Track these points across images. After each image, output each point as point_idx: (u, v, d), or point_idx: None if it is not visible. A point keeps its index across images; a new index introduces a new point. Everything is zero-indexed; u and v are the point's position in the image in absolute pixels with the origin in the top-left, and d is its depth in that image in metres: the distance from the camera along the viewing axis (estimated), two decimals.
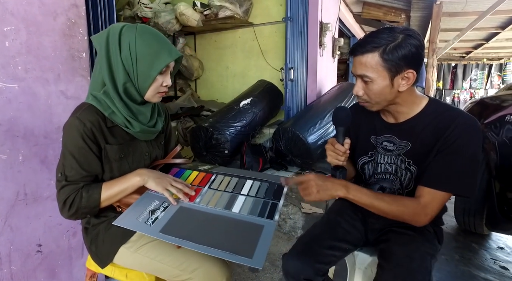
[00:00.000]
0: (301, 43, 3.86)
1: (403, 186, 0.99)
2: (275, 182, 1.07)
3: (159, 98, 0.97)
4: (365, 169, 1.08)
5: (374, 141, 1.04)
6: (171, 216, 0.91)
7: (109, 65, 0.88)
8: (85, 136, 0.86)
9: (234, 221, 0.90)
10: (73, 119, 0.86)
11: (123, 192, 0.92)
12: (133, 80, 0.90)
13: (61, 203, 0.87)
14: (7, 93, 1.08)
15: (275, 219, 0.91)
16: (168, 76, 0.95)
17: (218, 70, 4.95)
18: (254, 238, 0.83)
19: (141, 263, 0.94)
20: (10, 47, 1.08)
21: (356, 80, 0.94)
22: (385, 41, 0.85)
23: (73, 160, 0.86)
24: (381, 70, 0.87)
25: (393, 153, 1.00)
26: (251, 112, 3.67)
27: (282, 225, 2.41)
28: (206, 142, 3.38)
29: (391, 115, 1.00)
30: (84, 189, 0.88)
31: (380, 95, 0.91)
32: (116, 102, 0.89)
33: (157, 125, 1.04)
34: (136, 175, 0.93)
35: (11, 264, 1.16)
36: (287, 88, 3.90)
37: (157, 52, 0.88)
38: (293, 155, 3.52)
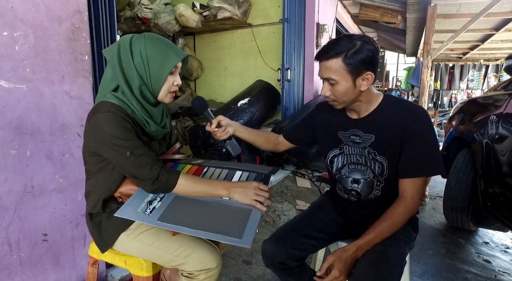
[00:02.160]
0: (298, 44, 3.95)
1: (377, 174, 1.08)
2: (262, 172, 1.16)
3: (170, 98, 1.07)
4: (334, 161, 1.18)
5: (342, 136, 1.14)
6: (167, 205, 1.00)
7: (123, 72, 0.98)
8: (124, 122, 0.94)
9: (224, 207, 1.00)
10: (105, 114, 0.92)
11: (204, 194, 1.02)
12: (147, 82, 1.00)
13: (146, 174, 0.95)
14: (17, 93, 1.17)
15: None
16: (178, 76, 1.05)
17: (217, 70, 5.04)
18: (243, 221, 0.93)
19: (139, 249, 1.03)
20: (19, 51, 1.17)
21: (323, 83, 1.04)
22: (345, 48, 0.95)
23: (130, 141, 0.93)
24: (344, 73, 0.97)
25: (360, 146, 1.10)
26: (249, 112, 3.76)
27: (277, 221, 2.50)
28: (204, 141, 3.47)
29: (354, 111, 1.11)
30: (165, 169, 0.98)
31: (345, 95, 1.01)
32: (134, 104, 0.99)
33: (166, 126, 1.14)
34: (224, 189, 1.01)
35: (20, 251, 1.25)
36: (284, 88, 3.98)
37: (166, 54, 0.98)
38: (289, 154, 3.60)
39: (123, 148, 0.94)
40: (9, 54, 1.14)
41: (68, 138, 1.34)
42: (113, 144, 0.93)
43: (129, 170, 0.97)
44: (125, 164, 0.95)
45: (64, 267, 1.40)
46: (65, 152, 1.34)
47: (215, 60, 5.02)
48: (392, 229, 0.99)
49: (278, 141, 1.34)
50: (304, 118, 1.30)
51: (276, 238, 1.11)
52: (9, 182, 1.18)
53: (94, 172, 1.05)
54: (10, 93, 1.16)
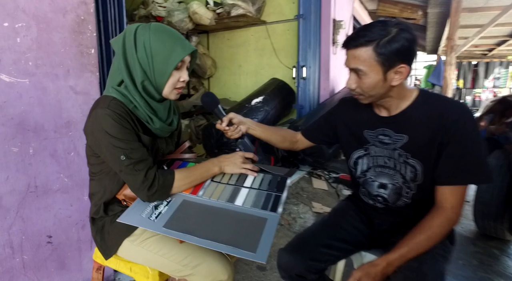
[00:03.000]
0: (314, 41, 3.82)
1: (408, 179, 0.96)
2: (278, 174, 1.06)
3: (176, 95, 0.98)
4: (358, 163, 1.06)
5: (368, 135, 1.02)
6: (174, 210, 0.91)
7: (126, 65, 0.90)
8: (122, 120, 0.86)
9: (237, 214, 0.90)
10: (104, 110, 0.85)
11: (200, 179, 0.99)
12: (150, 77, 0.91)
13: (139, 182, 0.87)
14: (19, 88, 1.11)
15: (279, 212, 0.90)
16: (185, 71, 0.96)
17: (231, 69, 4.96)
18: (258, 232, 0.83)
19: (144, 257, 0.95)
20: (21, 43, 1.11)
21: (349, 73, 0.92)
22: (378, 35, 0.83)
23: (126, 142, 0.86)
24: (374, 64, 0.85)
25: (389, 147, 0.97)
26: (263, 111, 3.66)
27: (292, 224, 2.39)
28: (218, 140, 3.40)
29: (384, 108, 0.99)
30: (160, 172, 0.91)
31: (373, 89, 0.89)
32: (137, 99, 0.91)
33: (173, 124, 1.05)
34: (214, 165, 1.01)
35: (23, 253, 1.19)
36: (300, 87, 3.87)
37: (171, 48, 0.89)
38: (305, 154, 3.48)
39: (118, 150, 0.86)
40: (10, 46, 1.08)
41: (73, 135, 1.28)
42: (108, 143, 0.86)
43: (122, 175, 0.90)
44: (119, 168, 0.88)
45: (69, 271, 1.34)
46: (70, 150, 1.28)
47: (229, 58, 4.95)
48: (429, 243, 0.86)
49: (296, 139, 1.24)
50: (325, 115, 1.19)
51: (293, 247, 1.01)
52: (11, 181, 1.13)
53: (97, 173, 0.98)
54: (11, 88, 1.10)
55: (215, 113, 1.12)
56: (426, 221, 0.88)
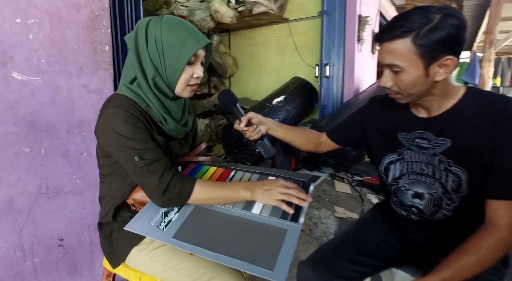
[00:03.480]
0: (338, 38, 3.67)
1: (449, 189, 0.83)
2: (300, 180, 0.97)
3: (190, 93, 0.91)
4: (389, 169, 0.94)
5: (403, 138, 0.90)
6: (186, 218, 0.84)
7: (139, 61, 0.84)
8: (135, 119, 0.80)
9: (253, 224, 0.81)
10: (115, 110, 0.79)
11: (226, 200, 0.86)
12: (162, 74, 0.85)
13: (154, 185, 0.79)
14: (30, 86, 1.08)
15: (300, 222, 0.80)
16: (199, 67, 0.88)
17: (252, 67, 4.89)
18: (276, 245, 0.74)
19: (153, 268, 0.88)
20: (33, 40, 1.07)
21: (384, 70, 0.81)
22: (417, 24, 0.71)
23: (140, 142, 0.79)
24: (413, 58, 0.73)
25: (428, 152, 0.85)
26: (284, 110, 3.56)
27: (313, 229, 2.28)
28: (238, 140, 3.33)
29: (423, 108, 0.86)
30: (178, 177, 0.82)
31: (413, 86, 0.77)
32: (150, 97, 0.85)
33: (188, 124, 0.98)
34: (246, 189, 0.84)
35: (34, 256, 1.16)
36: (323, 86, 3.73)
37: (184, 41, 0.82)
38: (327, 155, 3.35)
39: (131, 150, 0.79)
40: (22, 43, 1.05)
41: (86, 135, 1.24)
42: (120, 144, 0.79)
43: (136, 178, 0.82)
44: (133, 169, 0.81)
45: (81, 275, 1.30)
46: (83, 151, 1.24)
47: (250, 57, 4.88)
48: (478, 268, 0.72)
49: (320, 141, 1.13)
50: (353, 115, 1.08)
51: (315, 261, 0.91)
52: (22, 183, 1.10)
53: (107, 175, 0.93)
54: (23, 86, 1.06)
55: (233, 113, 1.04)
56: (474, 240, 0.74)
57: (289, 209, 0.82)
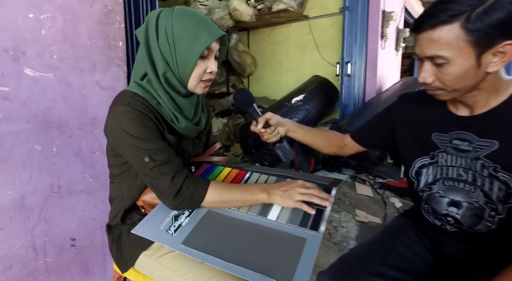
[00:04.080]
0: (360, 34, 3.54)
1: (494, 199, 0.73)
2: (321, 183, 0.89)
3: (203, 89, 0.85)
4: (421, 173, 0.84)
5: (439, 139, 0.80)
6: (197, 223, 0.78)
7: (149, 55, 0.80)
8: (144, 118, 0.75)
9: (269, 231, 0.74)
10: (123, 107, 0.74)
11: (241, 202, 0.80)
12: (173, 68, 0.80)
13: (166, 187, 0.75)
14: (43, 83, 1.05)
15: (321, 231, 0.73)
16: (212, 61, 0.82)
17: (271, 66, 4.82)
18: (294, 256, 0.67)
19: (161, 275, 0.83)
20: (46, 35, 1.05)
21: (423, 64, 0.71)
22: (467, 6, 0.61)
23: (150, 143, 0.75)
24: (463, 47, 0.63)
25: (468, 155, 0.75)
26: (304, 109, 3.47)
27: (333, 233, 2.18)
28: (256, 140, 3.27)
29: (464, 105, 0.76)
30: (191, 179, 0.77)
31: (460, 80, 0.67)
32: (160, 94, 0.80)
33: (201, 123, 0.93)
34: (262, 191, 0.80)
35: (46, 256, 1.14)
36: (343, 84, 3.61)
37: (196, 33, 0.76)
38: (348, 156, 3.23)
39: (141, 151, 0.74)
40: (35, 38, 1.03)
41: (98, 133, 1.21)
42: (129, 144, 0.75)
43: (147, 179, 0.78)
44: (143, 171, 0.76)
45: (93, 276, 1.28)
46: (95, 149, 1.21)
47: (270, 56, 4.81)
48: None
49: (344, 143, 1.05)
50: (380, 114, 0.99)
51: (336, 272, 0.83)
52: (34, 181, 1.07)
53: (117, 175, 0.88)
54: (36, 82, 1.04)
55: (250, 113, 0.98)
56: None
57: (310, 210, 0.76)
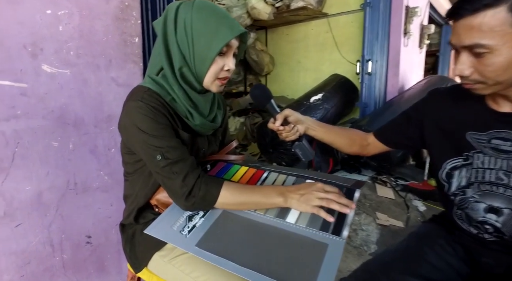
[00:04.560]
0: (382, 31, 3.42)
1: None
2: (343, 185, 0.83)
3: (219, 87, 0.82)
4: (453, 176, 0.77)
5: (474, 138, 0.73)
6: (211, 224, 0.74)
7: (166, 48, 0.77)
8: (157, 114, 0.73)
9: (288, 235, 0.70)
10: (136, 103, 0.72)
11: (256, 205, 0.76)
12: (190, 63, 0.77)
13: (177, 187, 0.72)
14: (60, 79, 1.05)
15: (344, 236, 0.68)
16: (231, 59, 0.79)
17: (290, 65, 4.77)
18: (315, 263, 0.62)
19: (175, 277, 0.80)
20: (63, 31, 1.05)
21: (459, 55, 0.64)
22: None
23: (162, 140, 0.72)
24: (509, 33, 0.57)
25: (511, 156, 0.68)
26: (322, 109, 3.40)
27: (353, 237, 2.11)
28: (273, 139, 3.23)
29: (507, 100, 0.69)
30: (203, 179, 0.74)
31: (504, 72, 0.60)
32: (175, 89, 0.77)
33: (216, 120, 0.90)
34: (279, 194, 0.74)
35: (62, 252, 1.15)
36: (364, 83, 3.51)
37: (216, 29, 0.73)
38: (368, 157, 3.14)
39: (153, 148, 0.72)
40: (52, 34, 1.03)
41: (114, 130, 1.20)
42: (142, 141, 0.72)
43: (159, 178, 0.75)
44: (155, 169, 0.74)
45: (109, 274, 1.27)
46: (111, 147, 1.20)
47: (288, 55, 4.75)
48: None
49: (367, 142, 0.99)
50: (407, 111, 0.92)
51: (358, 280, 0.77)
52: (51, 178, 1.08)
53: (131, 173, 0.87)
54: (53, 79, 1.04)
55: (267, 110, 0.93)
56: None
57: (328, 217, 0.70)
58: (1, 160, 0.99)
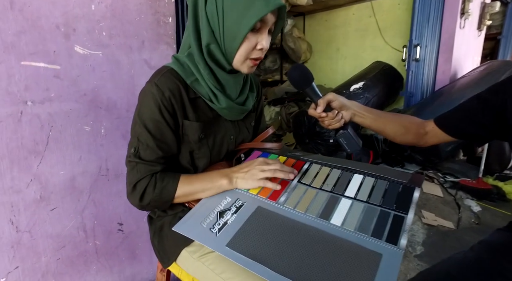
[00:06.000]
0: (434, 13, 3.12)
1: None
2: (399, 181, 0.71)
3: (250, 68, 0.72)
4: None
5: None
6: (245, 221, 0.66)
7: (195, 23, 0.69)
8: (162, 107, 0.68)
9: (333, 240, 0.59)
10: (150, 86, 0.68)
11: (204, 192, 0.72)
12: (219, 40, 0.68)
13: (131, 186, 0.70)
14: (92, 61, 1.01)
15: (401, 245, 0.55)
16: (265, 37, 0.68)
17: (328, 53, 4.56)
18: (365, 276, 0.51)
19: (204, 275, 0.73)
20: (95, 11, 1.00)
21: None
22: None
23: (148, 135, 0.69)
24: None
25: None
26: (363, 98, 3.20)
27: None
28: (310, 129, 3.10)
29: None
30: (159, 177, 0.70)
31: None
32: (200, 68, 0.70)
33: (248, 103, 0.81)
34: (222, 176, 0.72)
35: (95, 238, 1.13)
36: (410, 70, 3.24)
37: (250, 1, 0.63)
38: (413, 150, 2.91)
39: (134, 138, 0.71)
40: (84, 14, 0.98)
41: None
42: (134, 122, 0.72)
43: (126, 164, 0.74)
44: (127, 154, 0.72)
45: (140, 262, 1.25)
46: None
47: (326, 42, 4.54)
48: None
49: (425, 131, 0.85)
50: (482, 95, 0.76)
51: None
52: (83, 162, 1.05)
53: None
54: (85, 60, 1.01)
55: (307, 94, 0.82)
56: None
57: (276, 186, 0.71)
58: (37, 143, 0.98)
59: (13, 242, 0.99)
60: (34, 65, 0.94)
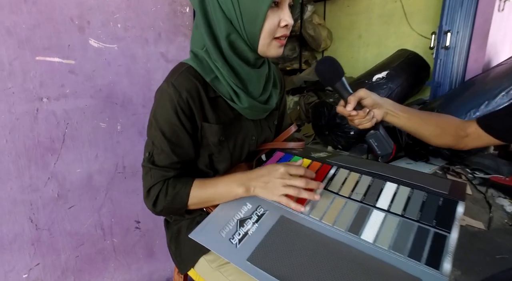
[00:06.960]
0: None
1: None
2: (439, 192, 0.64)
3: (278, 48, 0.65)
4: None
5: None
6: (267, 232, 0.60)
7: (205, 17, 0.63)
8: (179, 109, 0.63)
9: (364, 259, 0.53)
10: (167, 86, 0.63)
11: (218, 200, 0.68)
12: (238, 27, 0.61)
13: (146, 190, 0.68)
14: (107, 55, 0.97)
15: (445, 271, 0.48)
16: (287, 11, 0.61)
17: (349, 40, 4.38)
18: None
19: None
20: (110, 1, 0.95)
21: None
22: None
23: (163, 139, 0.65)
24: None
25: None
26: (386, 88, 3.06)
27: None
28: (329, 120, 2.99)
29: None
30: (171, 183, 0.66)
31: None
32: (219, 66, 0.64)
33: (271, 101, 0.75)
34: (239, 185, 0.67)
35: (113, 236, 1.12)
36: (439, 58, 3.05)
37: None
38: None
39: (149, 142, 0.68)
40: (99, 5, 0.94)
41: None
42: (149, 125, 0.68)
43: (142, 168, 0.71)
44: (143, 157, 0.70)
45: (158, 260, 1.23)
46: None
47: (347, 28, 4.36)
48: None
49: (465, 133, 0.76)
50: None
51: None
52: (100, 160, 1.03)
53: None
54: (100, 54, 0.96)
55: (336, 90, 0.74)
56: None
57: (299, 207, 0.62)
58: (53, 141, 0.96)
59: (33, 240, 0.98)
60: (49, 60, 0.91)
